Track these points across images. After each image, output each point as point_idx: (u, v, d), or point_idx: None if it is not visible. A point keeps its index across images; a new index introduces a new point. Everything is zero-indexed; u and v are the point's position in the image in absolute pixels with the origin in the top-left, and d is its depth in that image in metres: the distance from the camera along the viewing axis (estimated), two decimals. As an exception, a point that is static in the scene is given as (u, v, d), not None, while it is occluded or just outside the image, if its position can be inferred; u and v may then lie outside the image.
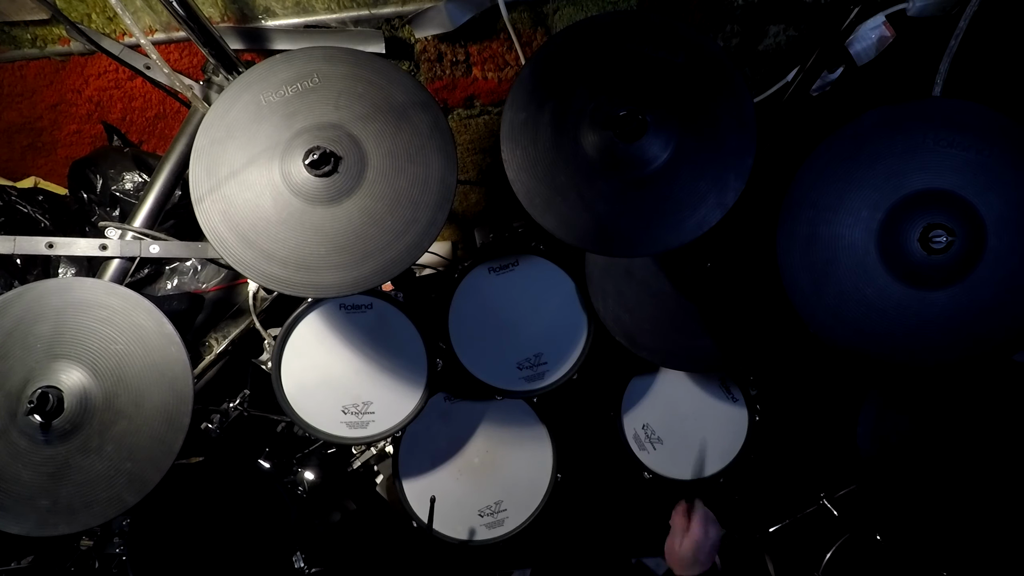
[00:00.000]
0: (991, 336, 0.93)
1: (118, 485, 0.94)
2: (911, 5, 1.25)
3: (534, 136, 0.99)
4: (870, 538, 1.32)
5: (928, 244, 0.92)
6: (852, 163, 0.96)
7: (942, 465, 1.14)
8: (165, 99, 1.63)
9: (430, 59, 1.48)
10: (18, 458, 0.94)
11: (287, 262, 0.96)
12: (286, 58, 1.02)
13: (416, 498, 1.38)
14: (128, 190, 1.58)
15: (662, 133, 0.96)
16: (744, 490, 1.50)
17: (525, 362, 1.34)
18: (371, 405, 1.27)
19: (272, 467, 1.40)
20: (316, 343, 1.27)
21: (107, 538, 1.30)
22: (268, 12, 1.38)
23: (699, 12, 1.39)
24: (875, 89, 1.41)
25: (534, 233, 1.44)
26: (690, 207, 0.95)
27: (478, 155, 1.78)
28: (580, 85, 0.99)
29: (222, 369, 1.58)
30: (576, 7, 1.37)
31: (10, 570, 1.30)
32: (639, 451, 1.40)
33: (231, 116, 1.00)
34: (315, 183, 0.96)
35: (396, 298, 1.29)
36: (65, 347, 0.98)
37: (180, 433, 0.96)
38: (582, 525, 1.53)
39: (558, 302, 1.35)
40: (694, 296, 1.25)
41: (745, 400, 1.40)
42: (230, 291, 1.68)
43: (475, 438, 1.41)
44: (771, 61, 1.48)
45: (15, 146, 1.78)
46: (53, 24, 1.43)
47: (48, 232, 1.64)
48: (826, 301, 0.97)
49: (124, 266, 1.22)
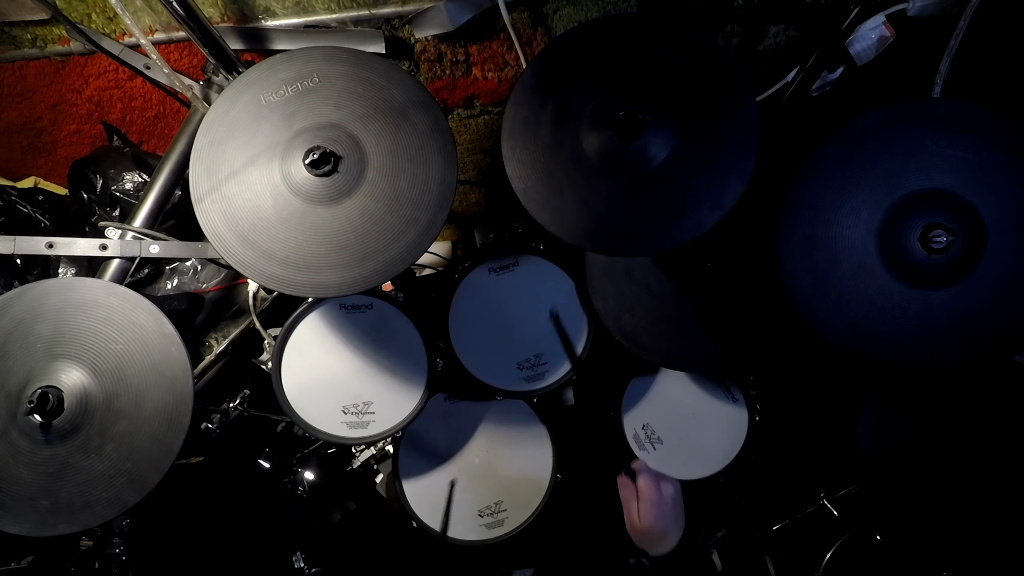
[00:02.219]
0: (991, 336, 0.93)
1: (118, 485, 0.94)
2: (911, 5, 1.25)
3: (534, 133, 0.99)
4: (870, 538, 1.32)
5: (928, 244, 0.92)
6: (852, 163, 0.96)
7: (942, 465, 1.14)
8: (165, 99, 1.63)
9: (430, 59, 1.48)
10: (18, 458, 0.94)
11: (287, 262, 0.96)
12: (286, 58, 1.02)
13: (416, 498, 1.38)
14: (128, 190, 1.59)
15: (662, 133, 0.95)
16: (744, 490, 1.50)
17: (525, 362, 1.34)
18: (371, 405, 1.27)
19: (272, 467, 1.40)
20: (316, 343, 1.26)
21: (107, 538, 1.29)
22: (268, 12, 1.38)
23: (699, 12, 1.39)
24: (875, 89, 1.41)
25: (534, 233, 1.44)
26: (688, 208, 0.95)
27: (478, 155, 1.78)
28: (581, 83, 0.99)
29: (222, 369, 1.58)
30: (576, 7, 1.37)
31: (10, 570, 1.30)
32: (639, 451, 1.40)
33: (231, 116, 1.00)
34: (315, 183, 0.96)
35: (396, 298, 1.29)
36: (65, 347, 0.98)
37: (180, 433, 0.96)
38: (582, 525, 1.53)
39: (558, 302, 1.35)
40: (694, 296, 1.25)
41: (745, 400, 1.40)
42: (230, 291, 1.68)
43: (475, 438, 1.41)
44: (771, 61, 1.48)
45: (15, 146, 1.78)
46: (53, 24, 1.43)
47: (48, 232, 1.64)
48: (826, 301, 0.97)
49: (124, 266, 1.22)
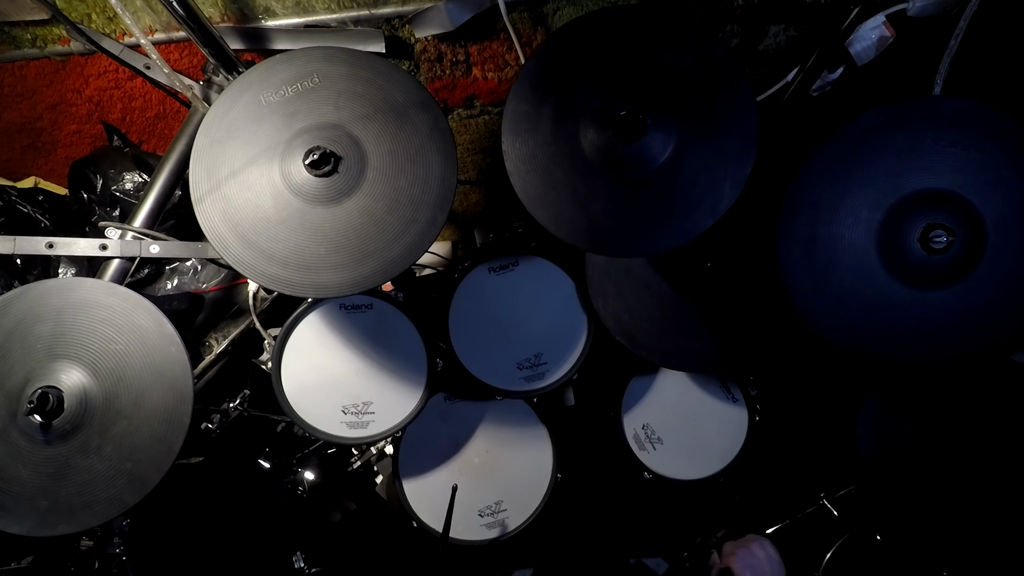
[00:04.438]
0: (991, 336, 0.93)
1: (118, 485, 0.94)
2: (911, 5, 1.25)
3: (534, 129, 0.99)
4: (870, 538, 1.32)
5: (928, 244, 0.92)
6: (852, 163, 0.96)
7: (942, 465, 1.14)
8: (165, 99, 1.63)
9: (430, 59, 1.48)
10: (18, 458, 0.94)
11: (287, 262, 0.96)
12: (286, 58, 1.02)
13: (416, 498, 1.38)
14: (128, 190, 1.59)
15: (661, 135, 0.95)
16: (744, 490, 1.50)
17: (525, 362, 1.34)
18: (371, 405, 1.27)
19: (272, 467, 1.40)
20: (316, 343, 1.26)
21: (107, 538, 1.29)
22: (268, 12, 1.38)
23: (699, 12, 1.39)
24: (875, 89, 1.41)
25: (534, 233, 1.44)
26: (683, 211, 0.95)
27: (478, 155, 1.78)
28: (583, 81, 0.98)
29: (222, 369, 1.58)
30: (576, 7, 1.37)
31: (10, 570, 1.30)
32: (639, 451, 1.40)
33: (231, 116, 1.00)
34: (315, 183, 0.96)
35: (396, 298, 1.29)
36: (65, 347, 0.98)
37: (180, 433, 0.96)
38: (582, 525, 1.53)
39: (558, 302, 1.35)
40: (694, 296, 1.25)
41: (745, 400, 1.40)
42: (230, 291, 1.68)
43: (475, 438, 1.41)
44: (771, 61, 1.48)
45: (15, 146, 1.78)
46: (53, 24, 1.43)
47: (48, 232, 1.64)
48: (826, 301, 0.97)
49: (124, 266, 1.22)
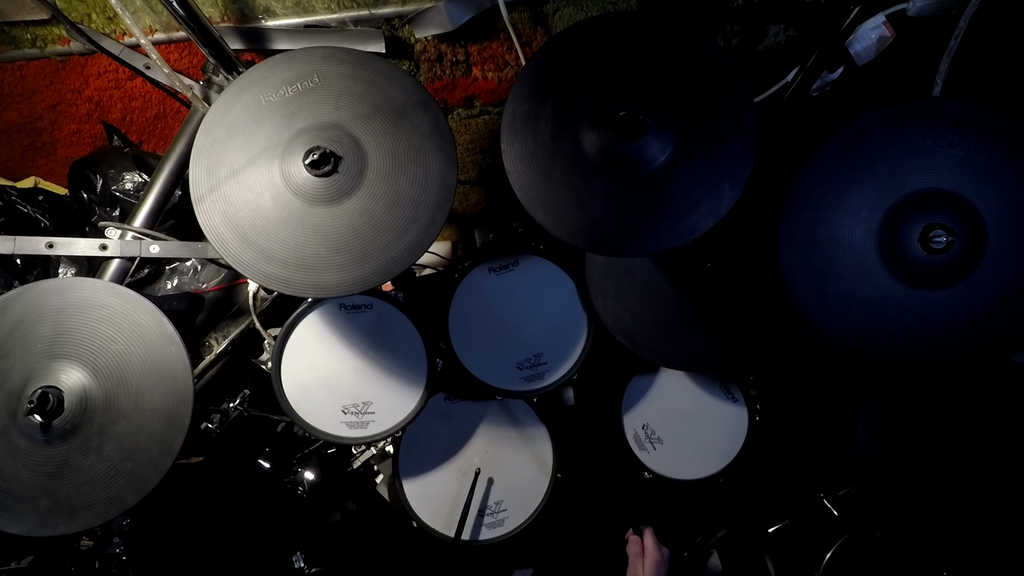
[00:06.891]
0: (991, 336, 0.93)
1: (118, 485, 0.94)
2: (911, 5, 1.25)
3: (534, 129, 0.99)
4: (870, 538, 1.32)
5: (928, 244, 0.92)
6: (852, 163, 0.96)
7: (942, 465, 1.14)
8: (165, 99, 1.63)
9: (430, 59, 1.48)
10: (18, 458, 0.94)
11: (287, 262, 0.96)
12: (286, 58, 1.02)
13: (416, 498, 1.38)
14: (128, 190, 1.59)
15: (661, 136, 0.95)
16: (744, 490, 1.50)
17: (525, 362, 1.34)
18: (371, 405, 1.27)
19: (272, 467, 1.40)
20: (316, 343, 1.26)
21: (107, 538, 1.29)
22: (268, 12, 1.38)
23: (699, 12, 1.39)
24: (875, 89, 1.41)
25: (534, 233, 1.44)
26: (683, 212, 0.95)
27: (478, 155, 1.78)
28: (583, 81, 0.98)
29: (222, 369, 1.58)
30: (576, 7, 1.37)
31: (10, 570, 1.30)
32: (639, 451, 1.40)
33: (231, 116, 1.00)
34: (315, 183, 0.96)
35: (396, 298, 1.29)
36: (65, 347, 0.98)
37: (180, 433, 0.96)
38: (582, 525, 1.53)
39: (558, 302, 1.35)
40: (694, 296, 1.25)
41: (745, 400, 1.40)
42: (230, 291, 1.68)
43: (475, 438, 1.41)
44: (771, 61, 1.48)
45: (15, 146, 1.78)
46: (53, 24, 1.43)
47: (48, 232, 1.64)
48: (826, 301, 0.97)
49: (124, 266, 1.22)
